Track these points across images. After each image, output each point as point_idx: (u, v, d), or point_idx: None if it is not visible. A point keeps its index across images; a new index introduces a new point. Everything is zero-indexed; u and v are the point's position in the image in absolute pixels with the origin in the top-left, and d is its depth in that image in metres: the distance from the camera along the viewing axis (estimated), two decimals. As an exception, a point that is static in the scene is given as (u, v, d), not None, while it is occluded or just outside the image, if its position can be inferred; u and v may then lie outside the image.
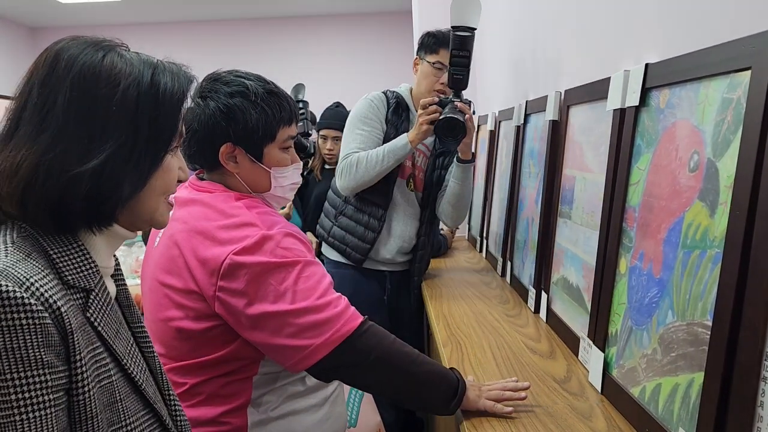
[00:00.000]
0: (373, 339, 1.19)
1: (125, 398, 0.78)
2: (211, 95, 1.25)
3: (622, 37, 1.45)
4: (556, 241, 1.75)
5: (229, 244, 1.15)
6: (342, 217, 2.23)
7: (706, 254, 0.98)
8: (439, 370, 1.26)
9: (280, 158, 1.31)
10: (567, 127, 1.73)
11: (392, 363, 1.20)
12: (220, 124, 1.24)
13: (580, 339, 1.47)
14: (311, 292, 1.16)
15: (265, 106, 1.25)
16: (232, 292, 1.14)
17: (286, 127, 1.30)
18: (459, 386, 1.24)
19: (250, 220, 1.19)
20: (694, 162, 1.04)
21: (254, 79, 1.28)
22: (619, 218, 1.29)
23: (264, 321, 1.14)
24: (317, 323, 1.14)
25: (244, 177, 1.29)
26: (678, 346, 1.03)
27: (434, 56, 2.12)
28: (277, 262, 1.15)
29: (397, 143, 2.04)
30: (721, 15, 1.05)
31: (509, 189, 2.35)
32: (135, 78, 0.76)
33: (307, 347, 1.14)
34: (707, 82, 1.03)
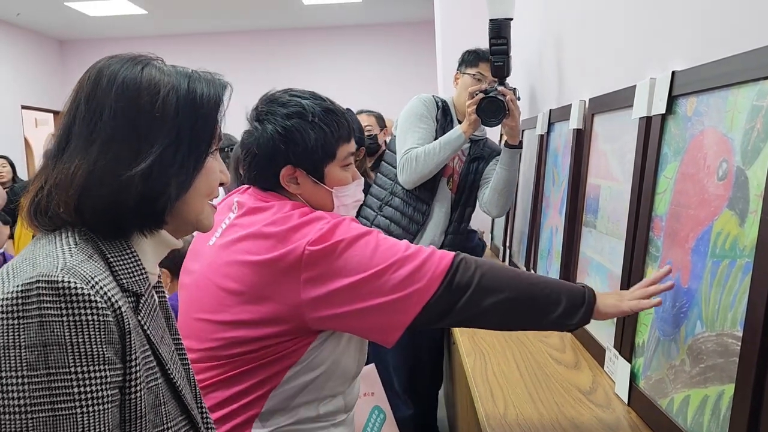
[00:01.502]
0: (472, 264, 1.17)
1: (167, 402, 0.80)
2: (268, 118, 1.25)
3: (646, 45, 1.44)
4: (581, 250, 1.73)
5: (303, 238, 1.14)
6: (387, 207, 2.34)
7: (735, 264, 0.96)
8: (557, 281, 1.23)
9: (342, 177, 1.30)
10: (591, 136, 1.72)
11: (501, 280, 1.16)
12: (279, 147, 1.24)
13: (606, 350, 1.45)
14: (396, 248, 1.16)
15: (323, 125, 1.25)
16: (320, 280, 1.13)
17: (345, 144, 1.29)
18: (585, 293, 1.18)
19: (320, 216, 1.20)
20: (722, 170, 1.03)
21: (310, 98, 1.27)
22: (645, 227, 1.28)
23: (364, 286, 1.13)
24: (415, 269, 1.14)
25: (307, 198, 1.29)
26: (707, 357, 1.02)
27: (474, 69, 2.29)
28: (354, 235, 1.16)
29: (452, 135, 2.17)
30: (749, 22, 1.04)
31: (533, 198, 2.33)
32: (173, 86, 0.80)
33: (413, 293, 1.13)
34: (736, 89, 1.01)
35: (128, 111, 0.77)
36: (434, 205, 2.33)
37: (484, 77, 2.26)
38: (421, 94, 2.35)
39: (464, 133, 2.14)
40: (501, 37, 2.10)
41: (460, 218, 2.38)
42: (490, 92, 2.10)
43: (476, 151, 2.36)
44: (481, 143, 2.39)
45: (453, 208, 2.36)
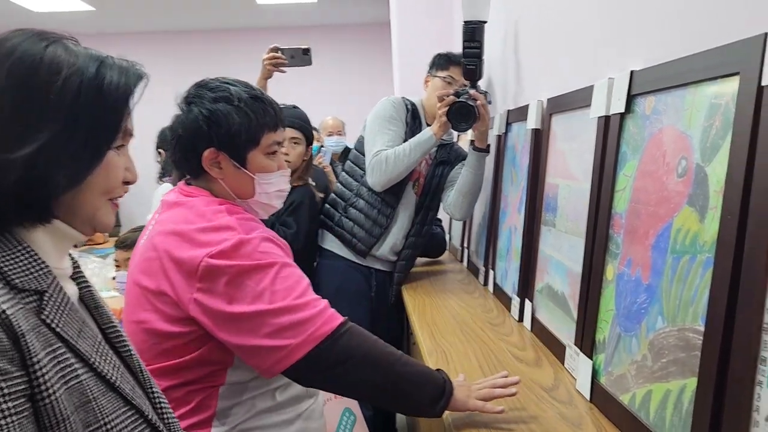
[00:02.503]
0: (354, 339, 1.16)
1: (99, 397, 0.75)
2: (195, 101, 1.25)
3: (603, 45, 1.46)
4: (540, 249, 1.75)
5: (206, 247, 1.14)
6: (352, 209, 2.32)
7: (696, 259, 0.98)
8: (425, 370, 1.23)
9: (265, 164, 1.29)
10: (549, 136, 1.73)
11: (374, 364, 1.17)
12: (203, 128, 1.23)
13: (566, 347, 1.46)
14: (289, 292, 1.14)
15: (248, 111, 1.24)
16: (210, 294, 1.13)
17: (270, 133, 1.29)
18: (446, 386, 1.21)
19: (229, 224, 1.18)
20: (682, 167, 1.05)
21: (239, 85, 1.28)
22: (605, 225, 1.29)
23: (241, 321, 1.12)
24: (295, 323, 1.12)
25: (229, 183, 1.28)
26: (669, 352, 1.03)
27: (445, 72, 2.29)
28: (253, 264, 1.14)
29: (422, 137, 2.17)
30: (706, 22, 1.06)
31: (491, 198, 2.35)
32: (78, 69, 0.74)
33: (285, 347, 1.11)
34: (694, 88, 1.03)
35: (18, 89, 0.71)
36: (399, 208, 2.32)
37: (455, 80, 2.26)
38: (391, 96, 2.34)
39: (435, 134, 2.13)
40: (475, 40, 2.10)
41: (423, 221, 2.38)
42: (461, 95, 2.10)
43: (443, 155, 2.37)
44: (449, 147, 2.39)
45: (416, 212, 2.36)
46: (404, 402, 1.22)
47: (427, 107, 2.33)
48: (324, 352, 1.12)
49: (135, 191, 1.03)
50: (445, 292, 2.30)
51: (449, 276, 2.61)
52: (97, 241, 4.68)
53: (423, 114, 2.34)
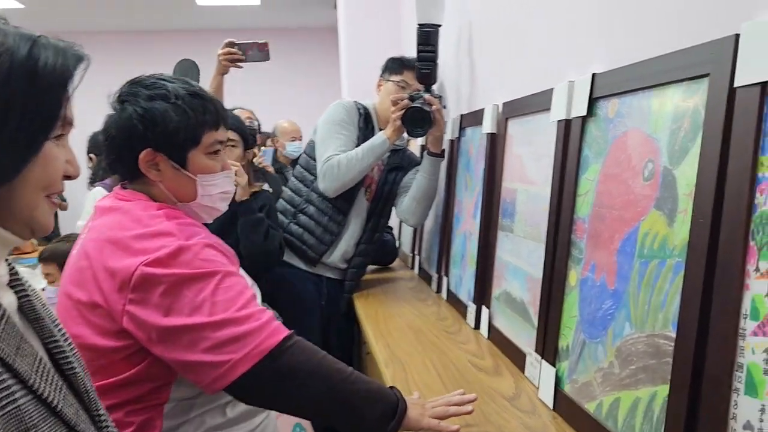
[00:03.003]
0: (300, 354, 1.09)
1: (40, 423, 0.66)
2: (129, 99, 1.16)
3: (561, 49, 1.45)
4: (497, 255, 1.72)
5: (142, 255, 1.06)
6: (302, 215, 2.25)
7: (665, 264, 0.96)
8: (376, 387, 1.17)
9: (207, 165, 1.21)
10: (506, 140, 1.71)
11: (321, 380, 1.10)
12: (138, 128, 1.14)
13: (527, 354, 1.44)
14: (231, 303, 1.07)
15: (187, 108, 1.16)
16: (143, 306, 1.05)
17: (212, 132, 1.21)
18: (398, 405, 1.15)
19: (168, 230, 1.10)
20: (648, 171, 1.03)
21: (177, 82, 1.19)
22: (567, 230, 1.27)
23: (178, 335, 1.04)
24: (237, 336, 1.04)
25: (168, 186, 1.20)
26: (638, 359, 1.01)
27: (399, 76, 2.25)
28: (193, 273, 1.06)
29: (375, 141, 2.11)
30: (667, 25, 1.05)
31: (444, 203, 2.32)
32: (8, 48, 0.66)
33: (225, 363, 1.03)
34: (660, 90, 1.02)
35: None
36: (351, 215, 2.27)
37: (409, 85, 2.22)
38: (342, 100, 2.28)
39: (388, 139, 2.08)
40: (429, 44, 2.07)
41: (374, 228, 2.33)
42: (416, 99, 2.06)
43: (395, 161, 2.32)
44: (401, 153, 2.35)
45: (368, 218, 2.30)
46: (354, 420, 1.14)
47: (380, 111, 2.28)
48: (267, 368, 1.05)
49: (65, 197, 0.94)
50: (397, 300, 2.26)
51: (401, 283, 2.57)
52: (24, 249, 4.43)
53: (376, 118, 2.29)
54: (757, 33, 0.79)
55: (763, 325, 0.76)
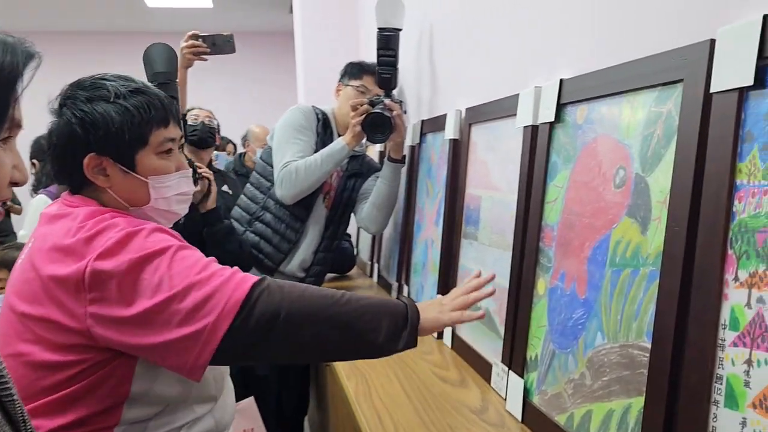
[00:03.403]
0: (276, 294, 1.01)
1: None
2: (67, 103, 1.09)
3: (526, 55, 1.43)
4: (461, 263, 1.69)
5: (90, 253, 0.99)
6: (258, 223, 2.18)
7: (639, 273, 0.94)
8: (376, 302, 1.08)
9: (159, 165, 1.14)
10: (469, 146, 1.69)
11: (309, 312, 1.02)
12: (78, 133, 1.07)
13: (493, 365, 1.41)
14: (189, 270, 1.00)
15: (130, 107, 1.09)
16: (105, 303, 0.98)
17: (161, 129, 1.13)
18: (408, 311, 1.07)
19: (114, 223, 1.03)
20: (619, 178, 1.01)
21: (118, 80, 1.12)
22: (535, 237, 1.25)
23: (147, 319, 0.97)
24: (204, 299, 0.98)
25: (118, 191, 1.12)
26: (611, 370, 0.99)
27: (358, 81, 2.20)
28: (144, 254, 0.99)
29: (334, 147, 2.05)
30: (636, 31, 1.04)
31: (404, 210, 2.28)
32: None
33: (202, 331, 0.96)
34: (631, 96, 1.00)
35: None
36: (309, 222, 2.20)
37: (368, 90, 2.17)
38: (300, 105, 2.21)
39: (348, 144, 2.03)
40: (389, 48, 2.04)
41: (333, 235, 2.27)
42: (376, 104, 2.01)
43: (355, 167, 2.27)
44: (360, 159, 2.30)
45: (326, 226, 2.25)
46: (360, 345, 1.05)
47: (339, 117, 2.23)
48: (247, 319, 0.98)
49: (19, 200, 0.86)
50: (357, 308, 2.20)
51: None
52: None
53: (334, 124, 2.24)
54: (734, 38, 0.78)
55: (743, 335, 0.75)
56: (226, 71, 7.38)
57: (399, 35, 2.06)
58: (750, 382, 0.73)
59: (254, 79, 7.63)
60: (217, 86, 7.50)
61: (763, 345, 0.72)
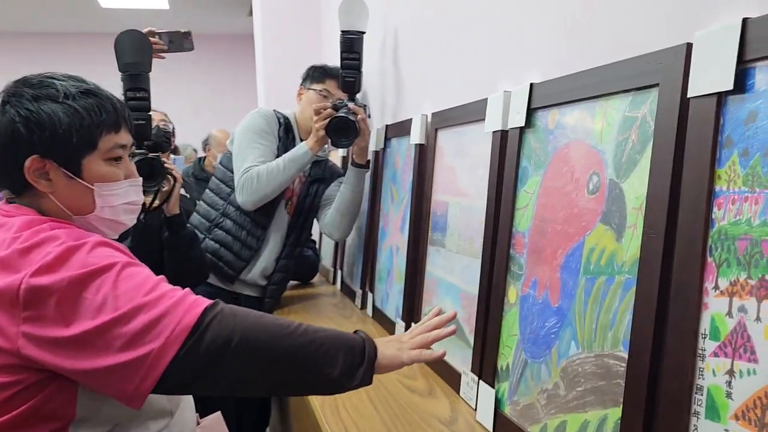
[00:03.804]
0: (229, 321, 0.94)
1: None
2: (11, 100, 1.01)
3: (494, 58, 1.41)
4: (428, 270, 1.66)
5: (26, 267, 0.91)
6: (218, 230, 2.11)
7: (614, 280, 0.92)
8: (334, 334, 1.02)
9: (107, 172, 1.07)
10: (436, 151, 1.66)
11: (264, 341, 0.95)
12: (20, 132, 1.00)
13: (462, 374, 1.38)
14: (137, 290, 0.93)
15: (80, 108, 1.02)
16: (40, 323, 0.90)
17: (111, 134, 1.06)
18: (366, 347, 1.02)
19: (53, 235, 0.96)
20: (593, 184, 1.00)
21: (69, 80, 1.05)
22: (505, 244, 1.23)
23: (87, 343, 0.90)
24: (150, 323, 0.90)
25: (61, 197, 1.04)
26: (586, 380, 0.97)
27: (321, 85, 2.16)
28: (87, 271, 0.92)
29: (297, 152, 2.00)
30: (609, 35, 1.03)
31: (368, 216, 2.25)
32: None
33: (146, 356, 0.89)
34: (604, 100, 0.99)
35: None
36: (271, 229, 2.14)
37: (331, 94, 2.13)
38: (260, 109, 2.15)
39: (311, 149, 1.98)
40: (353, 51, 2.00)
41: (296, 242, 2.21)
42: (339, 108, 1.97)
43: (317, 173, 2.22)
44: (323, 164, 2.24)
45: (289, 232, 2.19)
46: (314, 379, 1.00)
47: (301, 121, 2.18)
48: (195, 346, 0.91)
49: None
50: (320, 317, 2.15)
51: (323, 300, 2.47)
52: None
53: (296, 128, 2.18)
54: (712, 42, 0.77)
55: (724, 345, 0.73)
56: (183, 74, 7.25)
57: (363, 38, 2.03)
58: (732, 393, 0.71)
59: (213, 82, 7.52)
60: (174, 89, 7.37)
61: (745, 355, 0.70)
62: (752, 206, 0.71)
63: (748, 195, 0.71)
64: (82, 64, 7.47)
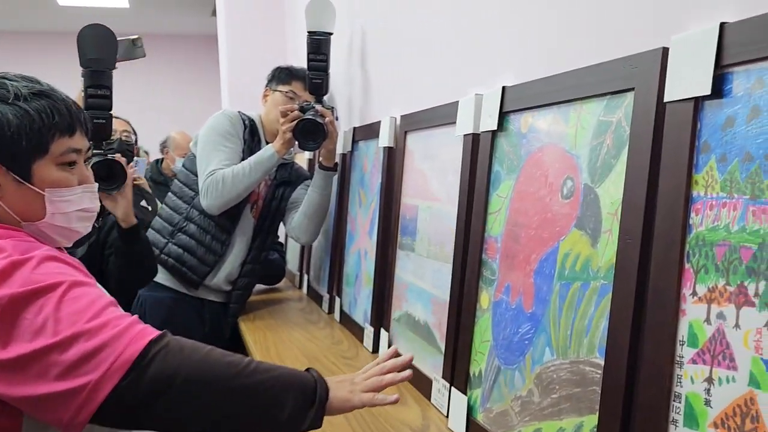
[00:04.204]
0: (176, 355, 0.89)
1: None
2: None
3: (466, 61, 1.40)
4: (397, 274, 1.64)
5: None
6: (181, 234, 2.04)
7: (589, 286, 0.91)
8: (284, 373, 0.97)
9: (59, 177, 1.01)
10: (405, 154, 1.64)
11: (209, 381, 0.89)
12: None
13: (433, 380, 1.36)
14: (80, 315, 0.87)
15: (31, 110, 0.97)
16: None
17: (64, 138, 1.01)
18: (317, 388, 0.97)
19: None
20: (567, 188, 0.99)
21: (20, 80, 0.99)
22: (477, 249, 1.21)
23: (22, 367, 0.84)
24: (90, 352, 0.84)
25: (10, 203, 0.98)
26: (561, 387, 0.95)
27: (287, 86, 2.12)
28: (30, 290, 0.86)
29: (263, 154, 1.95)
30: (583, 39, 1.02)
31: (335, 220, 2.22)
32: None
33: (83, 387, 0.83)
34: (579, 104, 0.98)
35: None
36: (236, 234, 2.09)
37: (297, 96, 2.09)
38: (225, 110, 2.09)
39: (278, 152, 1.93)
40: (320, 53, 1.96)
41: (261, 246, 2.17)
42: (307, 110, 1.93)
43: (283, 175, 2.17)
44: (289, 167, 2.20)
45: (254, 237, 2.14)
46: (260, 423, 0.95)
47: (267, 123, 2.13)
48: (137, 381, 0.85)
49: None
50: (287, 323, 2.12)
51: (289, 305, 2.43)
52: None
53: (262, 131, 2.14)
54: (689, 46, 0.76)
55: (702, 352, 0.72)
56: (143, 75, 7.11)
57: (330, 39, 2.00)
58: (711, 400, 0.71)
59: (174, 83, 7.39)
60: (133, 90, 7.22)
61: (724, 362, 0.70)
62: (730, 212, 0.70)
63: (726, 201, 0.71)
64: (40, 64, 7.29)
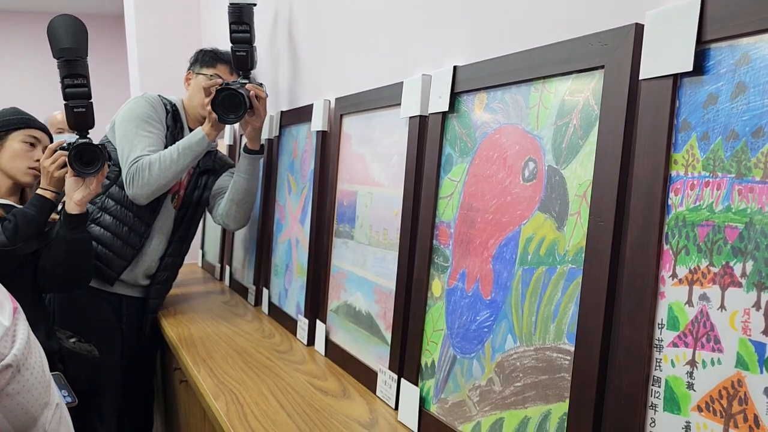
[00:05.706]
0: None
1: None
2: None
3: (409, 39, 1.35)
4: (333, 263, 1.57)
5: None
6: (96, 226, 1.88)
7: (555, 271, 0.89)
8: None
9: None
10: (341, 138, 1.57)
11: None
12: None
13: (378, 372, 1.31)
14: None
15: None
16: None
17: None
18: None
19: None
20: (529, 171, 0.95)
21: None
22: (428, 235, 1.17)
23: None
24: None
25: None
26: (525, 375, 0.92)
27: (211, 69, 1.97)
28: None
29: (192, 138, 1.80)
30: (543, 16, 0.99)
31: (261, 208, 2.11)
32: None
33: None
34: (540, 83, 0.95)
35: None
36: (155, 226, 1.94)
37: (223, 80, 1.94)
38: (145, 94, 1.92)
39: (207, 135, 1.80)
40: (243, 23, 1.81)
41: (183, 238, 2.03)
42: (230, 85, 1.79)
43: (207, 164, 2.03)
44: (212, 155, 2.06)
45: (175, 228, 2.00)
46: None
47: (189, 109, 1.99)
48: None
49: None
50: (212, 317, 2.00)
51: (211, 297, 2.30)
52: None
53: (185, 116, 1.99)
54: (667, 21, 0.74)
55: (684, 335, 0.71)
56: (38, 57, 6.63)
57: (253, 10, 1.86)
58: (694, 384, 0.69)
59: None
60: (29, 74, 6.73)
61: (709, 344, 0.68)
62: (714, 191, 0.69)
63: (709, 180, 0.69)
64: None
